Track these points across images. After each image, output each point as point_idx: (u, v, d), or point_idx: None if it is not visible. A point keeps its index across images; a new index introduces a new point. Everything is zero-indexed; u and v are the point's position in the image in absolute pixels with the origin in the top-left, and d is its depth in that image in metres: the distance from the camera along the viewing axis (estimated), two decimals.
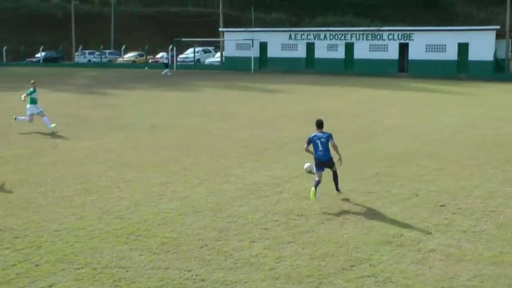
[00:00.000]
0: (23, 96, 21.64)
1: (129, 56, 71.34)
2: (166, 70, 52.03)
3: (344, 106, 27.89)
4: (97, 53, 73.55)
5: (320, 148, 12.24)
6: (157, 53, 72.97)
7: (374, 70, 49.72)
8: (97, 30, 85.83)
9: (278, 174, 14.15)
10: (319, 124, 12.63)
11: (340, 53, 52.93)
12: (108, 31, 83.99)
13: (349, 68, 52.21)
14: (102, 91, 36.82)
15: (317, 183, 11.88)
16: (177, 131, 20.65)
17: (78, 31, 77.13)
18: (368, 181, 13.50)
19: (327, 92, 35.09)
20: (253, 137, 19.30)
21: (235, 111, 26.20)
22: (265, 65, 56.20)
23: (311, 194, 11.69)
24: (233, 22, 75.54)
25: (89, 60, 73.31)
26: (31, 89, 21.46)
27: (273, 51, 55.80)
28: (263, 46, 56.48)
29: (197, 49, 66.41)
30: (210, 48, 70.42)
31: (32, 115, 21.48)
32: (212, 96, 33.13)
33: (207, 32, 73.52)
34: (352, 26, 68.46)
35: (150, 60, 68.48)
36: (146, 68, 62.12)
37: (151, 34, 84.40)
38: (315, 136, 12.44)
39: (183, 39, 66.52)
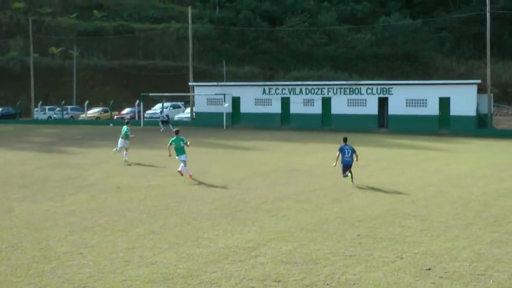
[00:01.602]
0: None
1: (93, 112, 71.36)
2: (170, 126, 51.52)
3: (321, 163, 28.09)
4: (58, 109, 73.45)
5: (347, 155, 21.70)
6: (122, 108, 73.17)
7: (353, 125, 50.35)
8: (58, 84, 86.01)
9: (253, 237, 14.11)
10: (345, 140, 22.42)
11: (316, 108, 53.63)
12: (70, 86, 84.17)
13: (326, 123, 52.85)
14: (63, 150, 36.62)
15: (346, 176, 21.65)
16: (144, 192, 20.55)
17: (37, 85, 77.15)
18: (348, 243, 13.52)
19: (303, 149, 35.38)
20: (226, 198, 19.28)
21: (206, 169, 26.21)
22: (238, 121, 56.62)
23: (350, 178, 21.60)
24: (203, 76, 76.44)
25: (50, 117, 73.12)
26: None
27: (246, 106, 56.33)
28: (236, 101, 57.02)
29: (165, 104, 66.76)
30: (179, 103, 70.90)
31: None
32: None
33: (176, 86, 74.16)
34: (329, 80, 69.80)
35: (115, 116, 68.53)
36: (111, 124, 62.07)
37: (117, 89, 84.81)
38: (344, 146, 21.94)
39: (151, 93, 66.94)
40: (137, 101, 63.72)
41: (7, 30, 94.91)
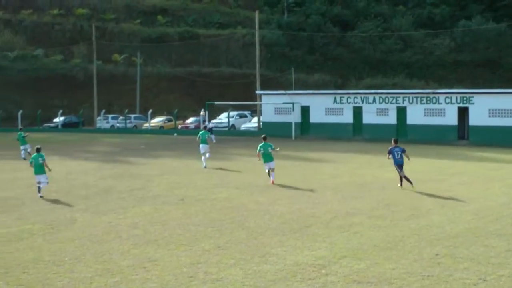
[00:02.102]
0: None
1: (157, 121, 72.56)
2: (212, 136, 51.99)
3: (396, 177, 27.71)
4: (121, 117, 75.02)
5: (397, 157, 24.46)
6: (187, 117, 74.08)
7: (430, 136, 49.50)
8: (121, 92, 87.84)
9: (323, 254, 14.03)
10: (396, 141, 25.29)
11: (391, 118, 52.98)
12: (133, 94, 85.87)
13: (401, 134, 52.07)
14: (126, 160, 37.38)
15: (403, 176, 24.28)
16: (209, 205, 20.74)
17: (100, 93, 78.98)
18: (426, 263, 13.28)
19: (377, 162, 34.99)
20: (295, 212, 19.26)
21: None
22: (307, 131, 56.53)
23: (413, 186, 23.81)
24: (271, 83, 76.61)
25: (113, 126, 74.73)
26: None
27: (316, 116, 56.17)
28: (305, 110, 56.96)
29: (231, 113, 67.24)
30: (246, 112, 71.28)
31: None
32: (248, 165, 33.30)
33: (243, 94, 74.61)
34: (404, 88, 68.86)
35: (179, 126, 69.45)
36: (175, 134, 62.97)
37: (181, 97, 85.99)
38: (394, 148, 24.65)
39: (216, 102, 67.57)
40: (202, 110, 64.42)
41: (70, 37, 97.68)
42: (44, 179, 23.19)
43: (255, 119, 64.82)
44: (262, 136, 27.63)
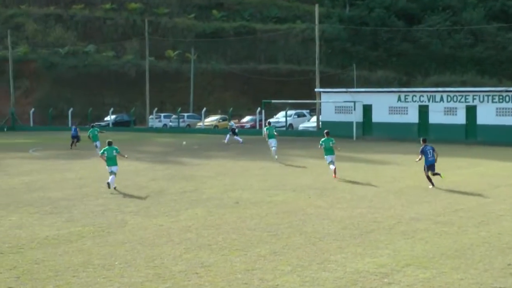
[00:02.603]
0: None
1: (211, 120, 73.08)
2: (236, 137, 52.14)
3: (464, 181, 27.28)
4: (174, 116, 75.81)
5: (430, 155, 25.55)
6: (242, 116, 74.38)
7: (503, 138, 48.53)
8: (174, 90, 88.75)
9: (386, 262, 13.90)
10: (425, 140, 26.55)
11: (459, 118, 52.16)
12: (187, 91, 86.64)
13: (471, 135, 51.28)
14: (179, 160, 37.74)
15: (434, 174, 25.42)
16: (265, 208, 20.77)
17: (153, 91, 79.92)
18: (497, 273, 13.02)
19: (444, 164, 34.45)
20: (355, 217, 19.13)
21: (333, 185, 26.14)
22: (369, 131, 56.12)
23: (442, 177, 25.40)
24: (331, 81, 76.34)
25: (165, 125, 75.59)
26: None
27: (379, 115, 55.70)
28: (367, 109, 56.55)
29: (289, 112, 67.25)
30: (304, 111, 71.17)
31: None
32: (307, 167, 33.24)
33: (301, 92, 74.51)
34: (475, 86, 67.63)
35: (235, 125, 69.71)
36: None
37: (236, 95, 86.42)
38: (425, 147, 25.83)
39: (273, 100, 67.64)
40: (258, 109, 64.58)
41: (122, 32, 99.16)
42: (115, 169, 25.79)
43: (314, 118, 64.69)
44: (325, 131, 29.87)
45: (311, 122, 65.18)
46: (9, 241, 16.35)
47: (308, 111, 71.52)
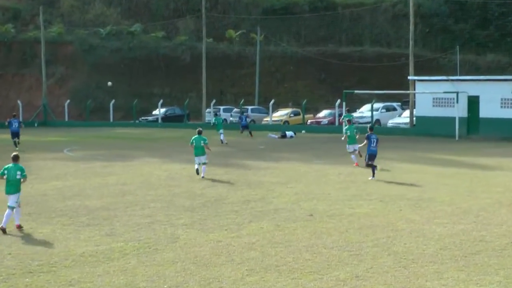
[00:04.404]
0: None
1: (280, 114, 73.14)
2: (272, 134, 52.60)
3: None
4: (235, 109, 76.11)
5: (373, 145, 30.26)
6: (319, 110, 74.20)
7: None
8: (236, 77, 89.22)
9: None
10: (371, 128, 31.80)
11: None
12: (251, 80, 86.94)
13: None
14: (242, 163, 37.91)
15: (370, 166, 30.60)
16: (345, 222, 20.69)
17: (210, 79, 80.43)
18: None
19: None
20: (458, 234, 18.90)
21: (430, 195, 25.87)
22: (475, 129, 55.29)
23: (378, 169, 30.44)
24: (428, 67, 75.55)
25: (225, 119, 75.93)
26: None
27: (488, 109, 54.83)
28: (473, 102, 55.74)
29: (376, 105, 66.80)
30: (395, 104, 70.56)
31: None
32: (397, 173, 32.97)
33: (391, 81, 73.92)
34: None
35: (309, 121, 69.69)
36: (303, 131, 63.28)
37: (311, 84, 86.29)
38: (371, 135, 30.61)
39: (356, 91, 67.25)
40: (338, 101, 64.35)
41: (175, 8, 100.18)
42: (204, 159, 31.34)
43: (407, 112, 64.09)
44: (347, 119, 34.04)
45: (403, 118, 64.60)
46: (39, 258, 16.70)
47: (399, 104, 70.88)
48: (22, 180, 20.70)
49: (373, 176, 30.46)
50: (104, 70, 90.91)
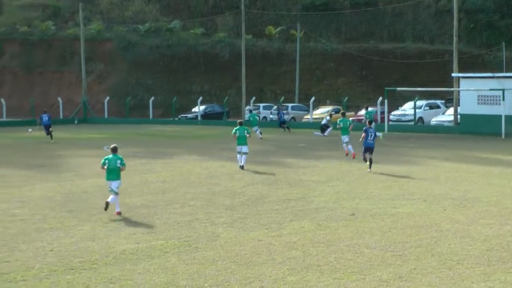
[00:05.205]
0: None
1: (321, 112, 72.91)
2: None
3: None
4: (275, 107, 76.08)
5: (370, 138, 31.99)
6: (360, 107, 73.91)
7: None
8: (276, 75, 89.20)
9: None
10: (370, 122, 33.67)
11: None
12: (291, 77, 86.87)
13: None
14: (282, 161, 37.88)
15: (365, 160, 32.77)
16: (388, 222, 20.59)
17: (250, 76, 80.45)
18: None
19: None
20: (505, 235, 18.72)
21: (475, 195, 25.64)
22: None
23: (367, 167, 32.28)
24: (473, 64, 74.94)
25: (265, 117, 75.99)
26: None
27: None
28: None
29: (419, 102, 66.40)
30: (438, 101, 70.07)
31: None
32: (441, 172, 32.75)
33: (434, 78, 73.44)
34: None
35: (350, 118, 69.37)
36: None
37: (352, 81, 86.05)
38: (369, 129, 32.37)
39: (399, 88, 66.89)
40: (380, 98, 64.05)
41: (214, 5, 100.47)
42: (246, 149, 34.15)
43: (451, 110, 63.59)
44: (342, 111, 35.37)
45: (447, 115, 64.08)
46: (80, 255, 16.84)
47: (442, 101, 70.38)
48: (121, 168, 22.83)
49: (370, 168, 32.48)
50: (143, 67, 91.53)
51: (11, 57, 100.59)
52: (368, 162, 32.66)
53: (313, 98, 71.50)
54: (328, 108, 73.93)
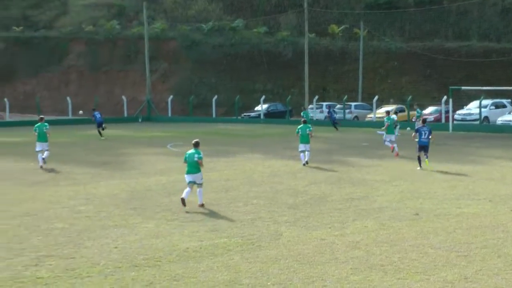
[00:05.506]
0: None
1: (384, 111, 72.44)
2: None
3: None
4: (338, 106, 75.91)
5: (424, 136, 32.57)
6: (425, 107, 73.32)
7: None
8: (339, 74, 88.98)
9: None
10: (424, 121, 34.17)
11: None
12: (354, 76, 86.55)
13: None
14: (345, 160, 37.79)
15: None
16: (453, 222, 20.38)
17: (313, 75, 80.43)
18: None
19: None
20: None
21: None
22: None
23: (426, 163, 32.77)
24: None
25: (327, 116, 75.82)
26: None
27: None
28: None
29: (484, 102, 65.60)
30: (505, 101, 69.13)
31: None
32: (507, 172, 32.32)
33: (500, 77, 72.47)
34: None
35: (413, 118, 68.91)
36: (408, 128, 62.54)
37: (416, 80, 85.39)
38: (421, 128, 33.04)
39: (464, 87, 66.16)
40: (445, 97, 63.43)
41: (277, 3, 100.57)
42: (308, 147, 35.21)
43: None
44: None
45: None
46: (144, 252, 17.00)
47: (509, 100, 69.42)
48: (198, 161, 23.54)
49: (420, 166, 33.15)
50: (206, 66, 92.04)
51: (77, 56, 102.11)
52: (421, 161, 33.28)
53: (376, 97, 71.18)
54: (392, 107, 73.47)
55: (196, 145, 23.89)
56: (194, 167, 23.54)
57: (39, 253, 16.89)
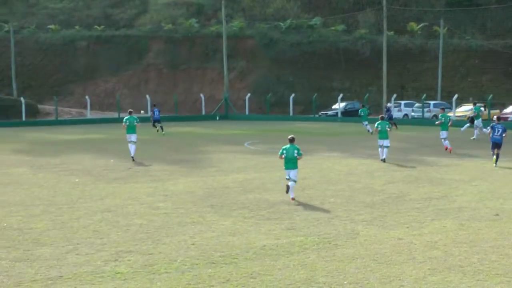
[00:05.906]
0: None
1: (464, 109, 71.61)
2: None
3: None
4: (417, 104, 75.22)
5: (496, 133, 33.51)
6: (505, 106, 72.16)
7: None
8: (418, 72, 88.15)
9: None
10: (498, 118, 36.69)
11: None
12: (433, 74, 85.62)
13: None
14: (423, 159, 37.44)
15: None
16: None
17: (391, 73, 79.96)
18: None
19: None
20: None
21: None
22: None
23: (493, 161, 33.30)
24: None
25: (406, 114, 75.26)
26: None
27: None
28: None
29: None
30: None
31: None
32: None
33: None
34: None
35: (494, 117, 67.79)
36: (488, 128, 61.62)
37: (497, 79, 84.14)
38: (496, 125, 34.09)
39: None
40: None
41: (355, 1, 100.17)
42: (387, 143, 35.96)
43: None
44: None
45: None
46: (221, 249, 17.10)
47: None
48: (298, 157, 24.23)
49: (496, 164, 33.31)
50: (284, 64, 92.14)
51: (156, 54, 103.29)
52: (494, 157, 33.67)
53: (456, 96, 70.31)
54: (470, 105, 72.52)
55: (292, 140, 24.36)
56: (293, 162, 24.15)
57: (118, 249, 17.13)
